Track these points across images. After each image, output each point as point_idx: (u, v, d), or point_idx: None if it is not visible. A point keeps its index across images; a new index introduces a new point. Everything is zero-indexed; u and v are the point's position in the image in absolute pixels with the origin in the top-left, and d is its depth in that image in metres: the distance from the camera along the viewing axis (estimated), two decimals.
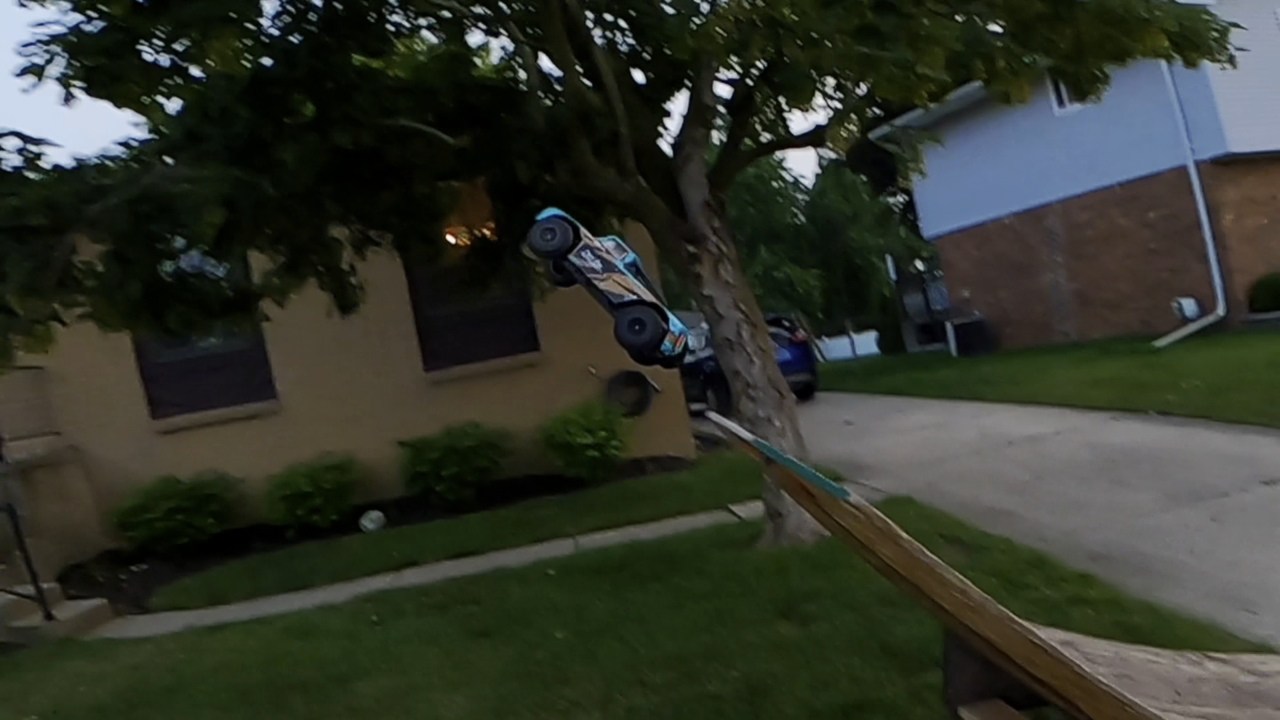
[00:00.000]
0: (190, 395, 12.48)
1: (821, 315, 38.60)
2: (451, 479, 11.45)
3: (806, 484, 3.00)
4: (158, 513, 11.28)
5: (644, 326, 5.23)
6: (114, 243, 6.84)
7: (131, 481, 11.84)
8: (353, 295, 9.00)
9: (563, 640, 6.56)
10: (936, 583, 3.04)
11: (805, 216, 41.58)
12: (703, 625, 6.35)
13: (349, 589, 8.95)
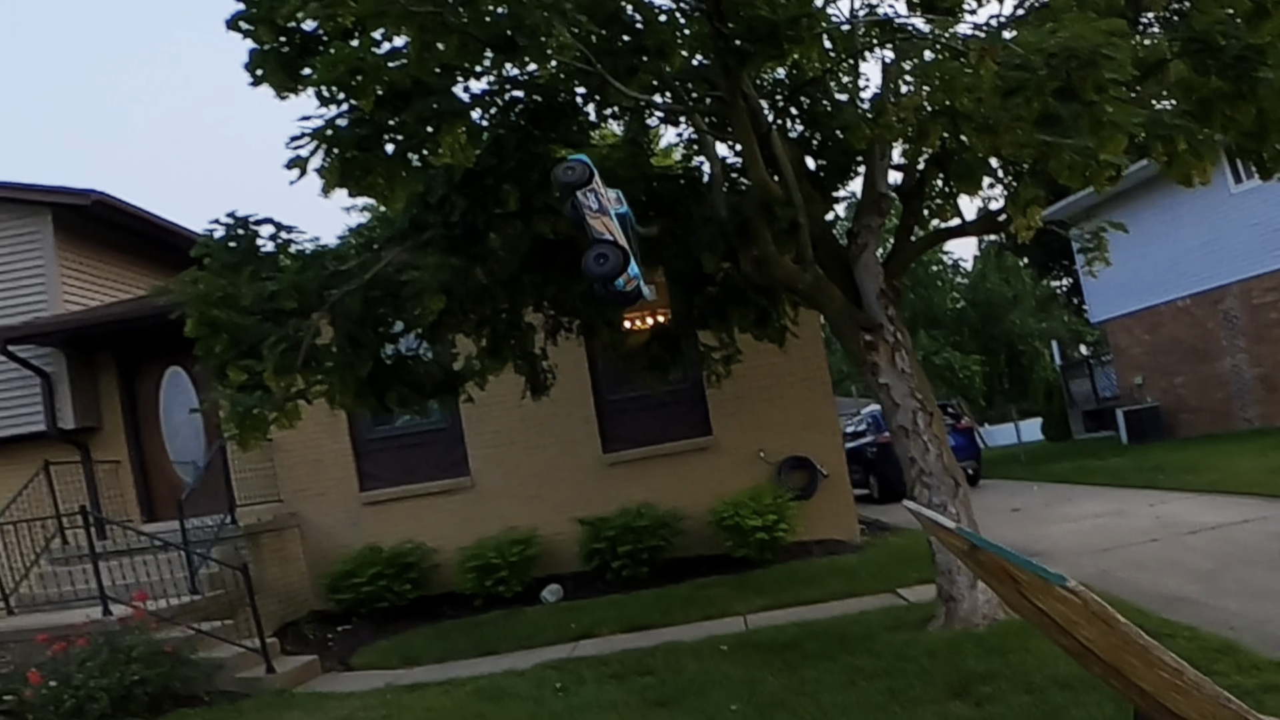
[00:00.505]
0: (394, 470, 13.19)
1: (983, 402, 37.75)
2: (626, 556, 11.73)
3: (1014, 569, 3.00)
4: (363, 578, 11.99)
5: (607, 260, 5.68)
6: (348, 326, 7.45)
7: (340, 548, 12.63)
8: (544, 379, 9.40)
9: (738, 713, 6.63)
10: (1142, 664, 2.96)
11: (965, 300, 40.86)
12: (876, 703, 6.31)
13: (532, 656, 9.24)
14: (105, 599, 9.89)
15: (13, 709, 8.66)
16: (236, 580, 10.66)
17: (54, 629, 9.52)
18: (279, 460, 12.83)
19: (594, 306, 9.11)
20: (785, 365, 12.45)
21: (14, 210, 13.56)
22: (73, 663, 8.81)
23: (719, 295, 9.13)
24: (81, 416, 13.31)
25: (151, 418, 13.92)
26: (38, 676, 8.73)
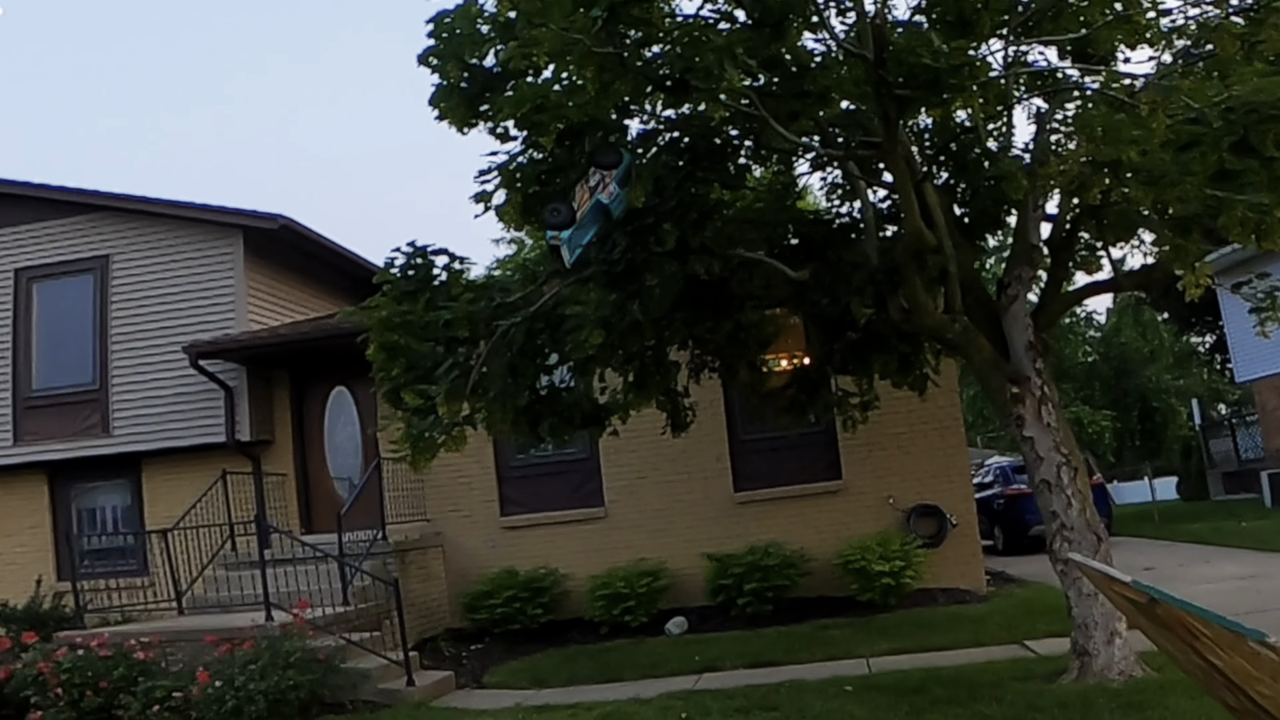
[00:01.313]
0: (533, 497, 13.40)
1: (1112, 458, 36.34)
2: (752, 593, 11.61)
3: (1197, 623, 2.88)
4: (499, 600, 12.18)
5: (559, 214, 6.82)
6: (511, 356, 7.69)
7: (479, 569, 12.86)
8: (685, 416, 9.48)
9: None
10: None
11: (1098, 354, 39.46)
12: None
13: (656, 685, 9.18)
14: (269, 605, 10.22)
15: (179, 706, 8.96)
16: (384, 594, 11.00)
17: (221, 631, 9.84)
18: (428, 481, 13.09)
19: (738, 348, 9.17)
20: (919, 412, 12.23)
21: (210, 231, 14.27)
22: (236, 665, 9.06)
23: (861, 341, 9.06)
24: (257, 430, 13.88)
25: (316, 434, 14.41)
26: (205, 676, 9.01)
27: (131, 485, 14.59)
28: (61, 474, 14.75)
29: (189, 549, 12.08)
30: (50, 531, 14.57)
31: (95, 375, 14.45)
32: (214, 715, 8.77)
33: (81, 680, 9.24)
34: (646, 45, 6.57)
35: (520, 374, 7.81)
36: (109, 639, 9.80)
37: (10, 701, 9.47)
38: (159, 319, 14.27)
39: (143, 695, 9.08)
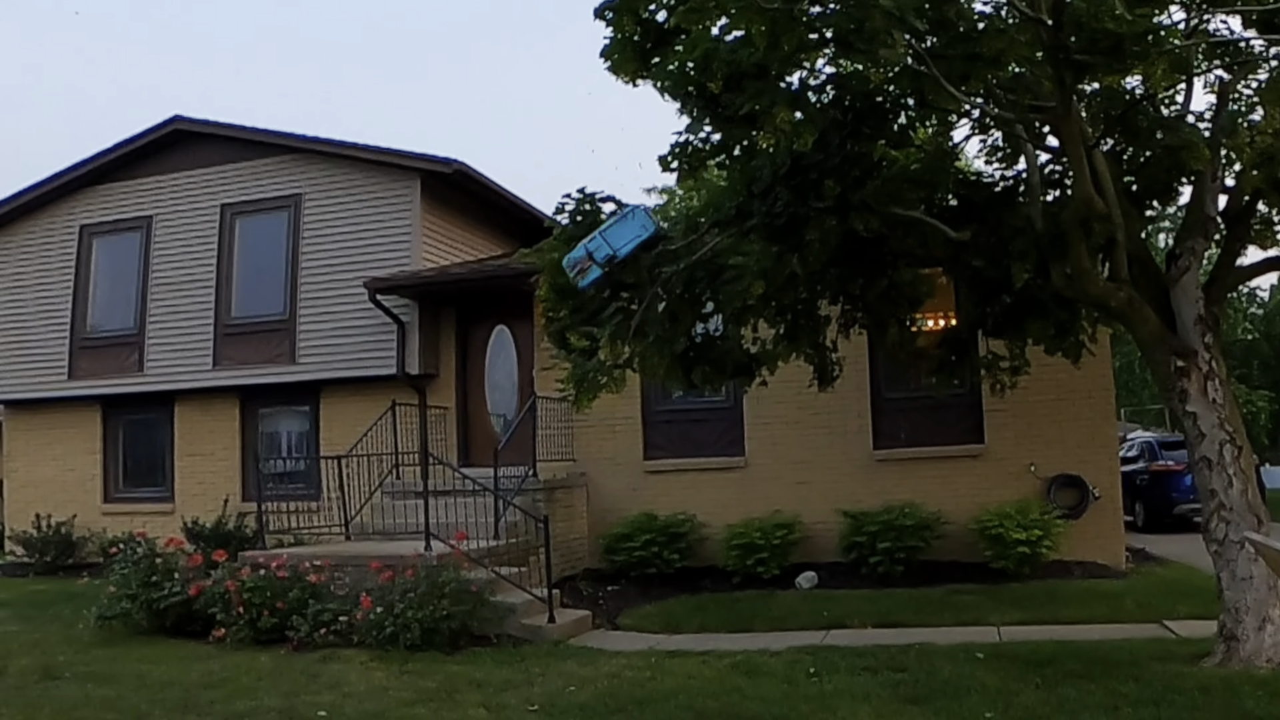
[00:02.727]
0: (675, 443, 13.24)
1: (1266, 440, 34.00)
2: (885, 553, 11.21)
3: None
4: (637, 543, 12.07)
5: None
6: (671, 303, 7.57)
7: (619, 511, 12.80)
8: (832, 370, 9.20)
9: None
10: None
11: (1258, 333, 36.78)
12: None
13: (785, 638, 8.96)
14: (429, 535, 10.30)
15: (342, 630, 9.18)
16: (533, 530, 11.05)
17: (384, 558, 9.97)
18: (576, 423, 13.09)
19: (889, 306, 8.78)
20: (1068, 381, 11.49)
21: (390, 174, 14.54)
22: (396, 592, 9.22)
23: (1016, 305, 8.57)
24: (424, 364, 14.13)
25: (477, 371, 14.60)
26: (369, 601, 9.20)
27: (310, 412, 15.13)
28: (251, 398, 15.41)
29: (358, 476, 12.36)
30: (239, 453, 15.24)
31: (285, 306, 14.95)
32: (373, 640, 8.98)
33: (261, 600, 9.48)
34: (817, 2, 6.29)
35: (678, 320, 7.72)
36: (286, 561, 10.03)
37: (198, 617, 9.80)
38: (342, 255, 14.65)
39: (311, 618, 9.31)
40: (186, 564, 10.22)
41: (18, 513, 16.18)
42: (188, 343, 15.37)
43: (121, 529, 13.64)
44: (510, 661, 8.50)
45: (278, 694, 7.55)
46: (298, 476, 14.49)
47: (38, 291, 16.35)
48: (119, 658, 8.89)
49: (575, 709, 6.99)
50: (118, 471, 16.19)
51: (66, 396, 16.10)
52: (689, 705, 6.94)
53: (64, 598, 12.11)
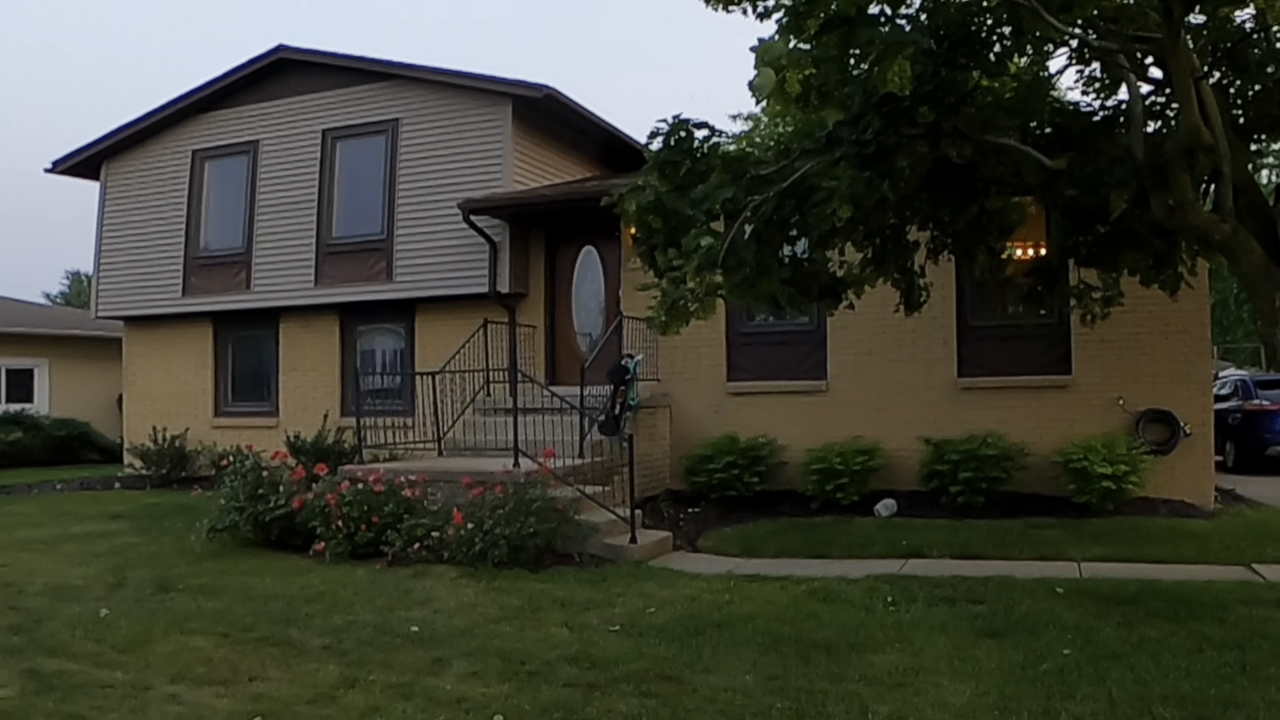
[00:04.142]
0: (758, 365, 13.03)
1: None
2: (965, 483, 10.88)
3: None
4: (719, 465, 11.93)
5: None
6: (760, 228, 7.35)
7: (701, 433, 12.69)
8: (918, 295, 8.89)
9: (1070, 657, 6.00)
10: None
11: None
12: (1223, 674, 5.56)
13: (862, 566, 8.79)
14: (517, 452, 10.32)
15: (433, 546, 9.24)
16: (616, 449, 11.01)
17: (475, 474, 9.99)
18: (661, 343, 12.98)
19: (979, 233, 8.41)
20: (1161, 314, 10.96)
21: (483, 99, 14.46)
22: (485, 508, 9.24)
23: (1112, 234, 8.10)
24: (514, 283, 14.16)
25: (565, 291, 14.56)
26: (460, 517, 9.23)
27: (406, 330, 15.32)
28: (350, 316, 15.66)
29: (450, 392, 12.46)
30: (338, 370, 15.56)
31: (383, 226, 15.08)
32: (462, 556, 9.04)
33: (358, 515, 9.58)
34: None
35: (766, 244, 7.46)
36: (382, 475, 10.13)
37: (300, 530, 9.94)
38: (437, 177, 14.68)
39: (405, 533, 9.40)
40: (290, 478, 10.37)
41: (136, 426, 16.80)
42: (291, 262, 15.64)
43: (230, 443, 14.06)
44: (592, 581, 8.52)
45: (372, 609, 7.70)
46: (393, 393, 14.81)
47: (154, 213, 16.78)
48: (227, 570, 9.14)
49: (654, 631, 6.96)
50: (227, 386, 16.69)
51: (180, 313, 16.59)
52: (766, 630, 6.87)
53: (177, 510, 12.50)
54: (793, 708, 5.42)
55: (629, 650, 6.51)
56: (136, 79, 76.28)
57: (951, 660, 6.11)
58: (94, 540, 10.74)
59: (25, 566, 9.38)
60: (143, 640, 6.92)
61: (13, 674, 6.20)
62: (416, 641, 6.84)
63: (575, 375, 11.99)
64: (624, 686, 5.83)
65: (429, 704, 5.60)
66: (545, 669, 6.17)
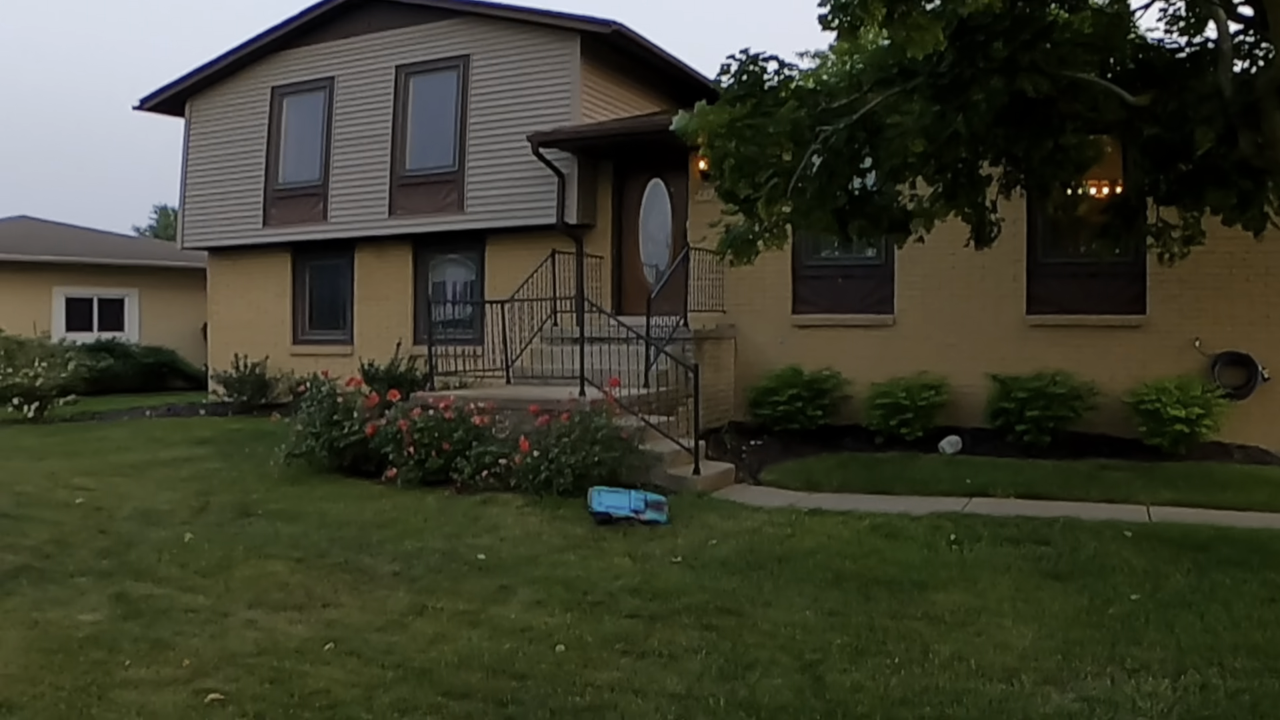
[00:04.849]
0: (824, 298, 12.73)
1: None
2: (1032, 421, 10.50)
3: None
4: (782, 397, 11.71)
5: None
6: (830, 160, 7.10)
7: (766, 365, 12.46)
8: (989, 230, 8.56)
9: (1137, 602, 5.78)
10: None
11: None
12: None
13: (925, 503, 8.57)
14: (583, 381, 10.23)
15: (500, 473, 9.21)
16: (682, 379, 10.87)
17: (542, 402, 9.91)
18: (727, 275, 12.79)
19: (1054, 169, 8.01)
20: (1243, 255, 10.35)
21: (551, 35, 14.26)
22: (551, 436, 9.18)
23: (1194, 172, 7.66)
24: (582, 214, 14.02)
25: (631, 223, 14.38)
26: (527, 444, 9.17)
27: (476, 261, 15.34)
28: (422, 247, 15.71)
29: (518, 322, 12.44)
30: (411, 299, 15.65)
31: (454, 159, 15.03)
32: (528, 484, 9.02)
33: (429, 441, 9.58)
34: None
35: (836, 176, 7.22)
36: (453, 402, 10.10)
37: (373, 456, 10.01)
38: (506, 111, 14.54)
39: (474, 459, 9.39)
40: (364, 404, 10.42)
41: (219, 354, 17.11)
42: (366, 193, 15.68)
43: (307, 370, 14.21)
44: None
45: (441, 535, 7.73)
46: (463, 322, 14.93)
47: (236, 148, 16.94)
48: (303, 496, 9.25)
49: (716, 563, 6.89)
50: (304, 315, 16.91)
51: (260, 244, 16.78)
52: (827, 565, 6.75)
53: (257, 436, 12.73)
54: (853, 644, 5.32)
55: (690, 582, 6.46)
56: (221, 17, 76.83)
57: (1015, 601, 5.95)
58: (179, 465, 10.97)
59: (116, 491, 9.61)
60: (223, 565, 7.05)
61: (102, 598, 6.34)
62: (483, 569, 6.86)
63: (641, 306, 11.84)
64: (685, 619, 5.78)
65: (494, 633, 5.60)
66: (608, 599, 6.14)
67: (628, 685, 4.81)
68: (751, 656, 5.16)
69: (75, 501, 9.08)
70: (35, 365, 15.41)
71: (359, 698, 4.69)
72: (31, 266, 21.49)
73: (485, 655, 5.21)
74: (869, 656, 5.14)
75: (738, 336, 13.04)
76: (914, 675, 4.88)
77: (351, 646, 5.40)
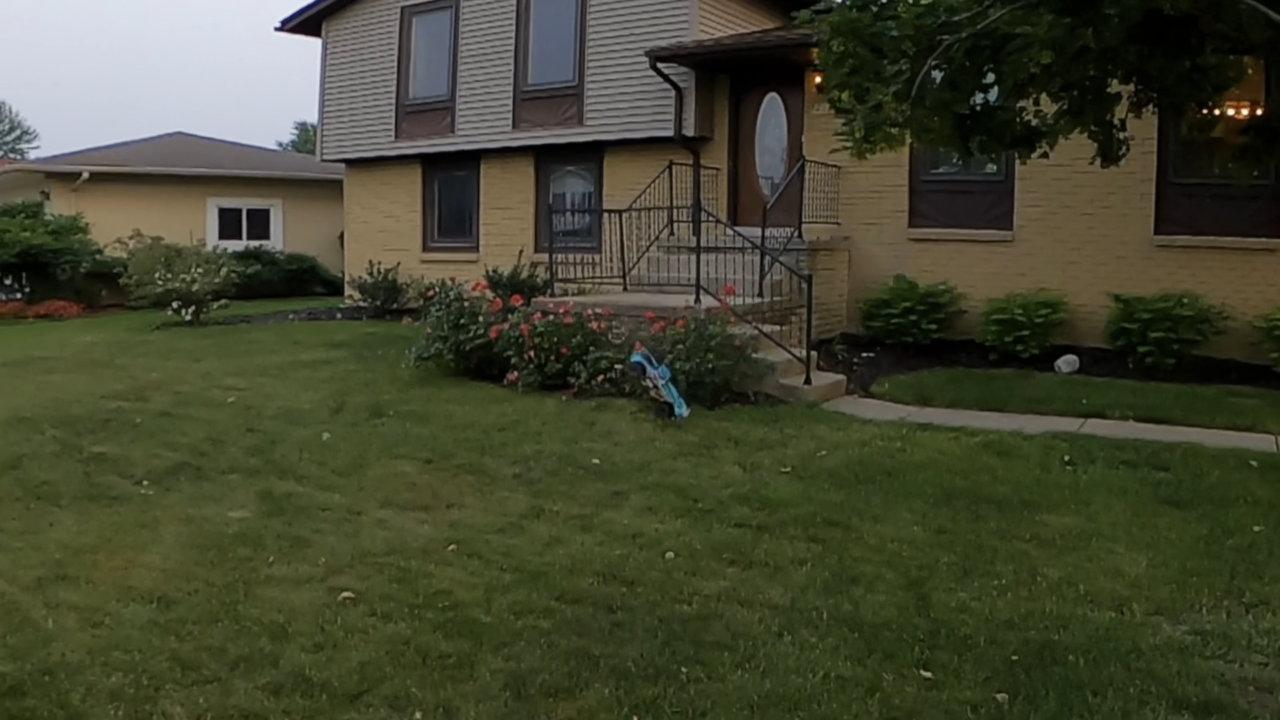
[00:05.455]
0: (942, 212, 12.18)
1: None
2: (1155, 343, 9.88)
3: None
4: (896, 310, 11.35)
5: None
6: (952, 71, 6.72)
7: (880, 278, 12.09)
8: (1118, 149, 7.98)
9: (1260, 535, 5.40)
10: None
11: None
12: None
13: (1039, 422, 8.17)
14: (699, 289, 10.07)
15: (615, 379, 9.13)
16: (795, 289, 10.60)
17: (657, 309, 9.82)
18: (843, 187, 12.41)
19: (1189, 89, 7.35)
20: None
21: None
22: (666, 343, 9.05)
23: None
24: (699, 127, 13.71)
25: (748, 136, 14.01)
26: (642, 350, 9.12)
27: (594, 172, 15.22)
28: (544, 158, 15.64)
29: (635, 231, 12.35)
30: (533, 208, 15.66)
31: (574, 74, 14.84)
32: (642, 390, 8.95)
33: (548, 345, 9.58)
34: None
35: (959, 88, 6.79)
36: (572, 308, 10.09)
37: (496, 360, 10.09)
38: (625, 26, 14.22)
39: (591, 365, 9.34)
40: (488, 309, 10.48)
41: (355, 261, 17.54)
42: (491, 107, 15.66)
43: (436, 276, 14.47)
44: (766, 421, 8.30)
45: (559, 439, 7.79)
46: (582, 231, 14.89)
47: (369, 65, 17.10)
48: (431, 398, 9.42)
49: (825, 475, 6.75)
50: (433, 224, 17.15)
51: (393, 156, 16.99)
52: (936, 482, 6.53)
53: (390, 339, 12.98)
54: (959, 563, 5.17)
55: (799, 493, 6.36)
56: None
57: (1129, 527, 5.65)
58: (318, 367, 11.31)
59: (263, 391, 9.98)
60: (357, 464, 7.27)
61: (250, 495, 6.64)
62: (597, 474, 6.90)
63: (756, 217, 11.56)
64: (792, 530, 5.70)
65: (606, 538, 5.64)
66: (717, 507, 6.11)
67: (733, 595, 4.79)
68: (856, 571, 5.07)
69: (227, 401, 9.49)
70: (192, 271, 16.08)
71: (478, 599, 4.80)
72: (187, 179, 22.31)
73: (597, 560, 5.27)
74: (975, 576, 4.99)
75: (852, 249, 12.64)
76: (1020, 598, 4.72)
77: (473, 548, 5.52)
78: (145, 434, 8.21)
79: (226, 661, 4.17)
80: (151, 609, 4.73)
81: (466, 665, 4.10)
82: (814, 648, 4.20)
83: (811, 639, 4.28)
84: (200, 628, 4.52)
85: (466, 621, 4.52)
